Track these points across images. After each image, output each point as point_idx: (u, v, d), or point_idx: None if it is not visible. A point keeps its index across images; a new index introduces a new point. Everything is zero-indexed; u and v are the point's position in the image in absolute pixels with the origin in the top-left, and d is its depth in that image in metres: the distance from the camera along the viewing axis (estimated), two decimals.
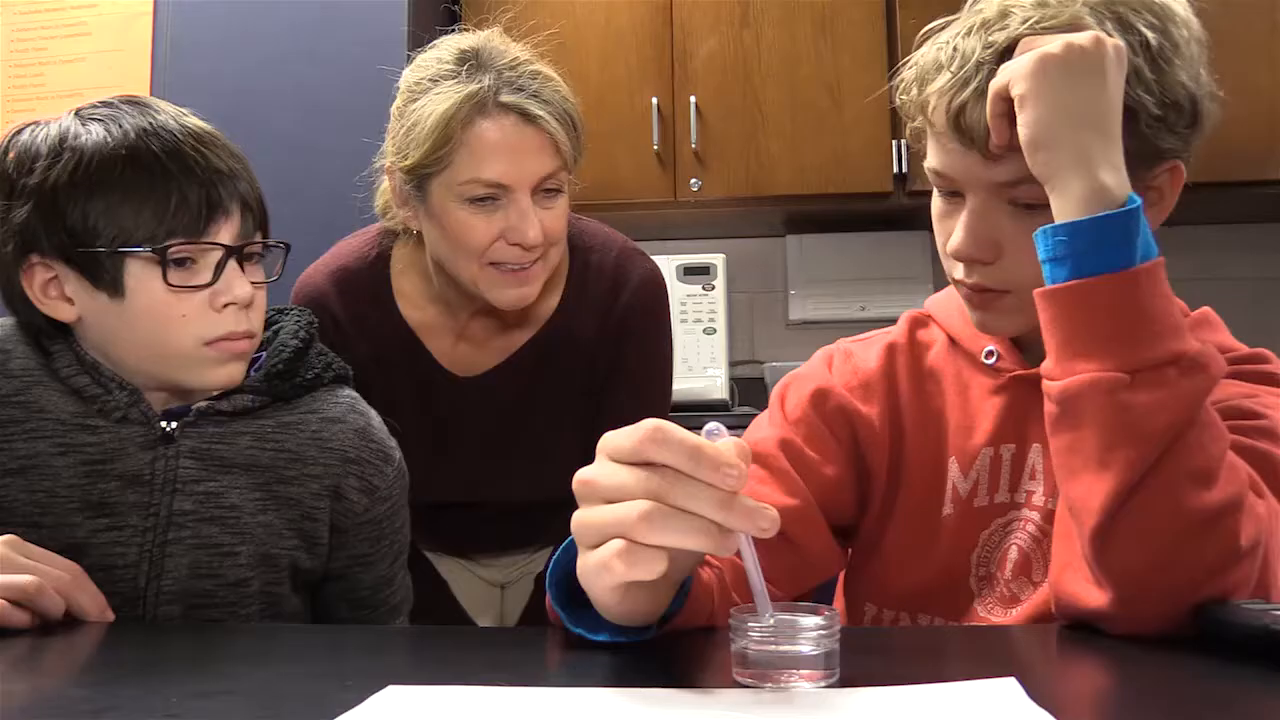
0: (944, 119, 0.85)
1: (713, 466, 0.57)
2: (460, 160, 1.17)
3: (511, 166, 1.17)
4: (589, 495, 0.61)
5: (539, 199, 1.19)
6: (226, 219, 0.97)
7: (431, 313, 1.33)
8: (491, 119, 1.17)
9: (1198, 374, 0.73)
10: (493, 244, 1.18)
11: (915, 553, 0.94)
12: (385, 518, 1.09)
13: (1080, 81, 0.76)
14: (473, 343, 1.34)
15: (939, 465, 0.94)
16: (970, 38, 0.84)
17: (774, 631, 0.60)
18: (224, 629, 0.95)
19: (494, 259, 1.19)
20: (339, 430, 1.06)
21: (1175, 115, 0.83)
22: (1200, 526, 0.70)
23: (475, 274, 1.21)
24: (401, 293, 1.33)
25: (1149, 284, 0.73)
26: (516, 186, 1.17)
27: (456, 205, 1.18)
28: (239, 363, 1.00)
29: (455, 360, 1.34)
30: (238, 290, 0.97)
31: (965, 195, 0.86)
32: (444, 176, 1.18)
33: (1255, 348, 0.92)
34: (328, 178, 2.49)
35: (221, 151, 0.98)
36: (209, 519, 0.99)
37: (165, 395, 1.01)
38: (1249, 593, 0.72)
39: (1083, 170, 0.75)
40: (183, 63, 2.51)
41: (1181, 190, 0.87)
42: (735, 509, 0.58)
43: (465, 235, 1.19)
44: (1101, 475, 0.72)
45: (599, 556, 0.59)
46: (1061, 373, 0.75)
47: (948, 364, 0.97)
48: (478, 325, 1.33)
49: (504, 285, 1.21)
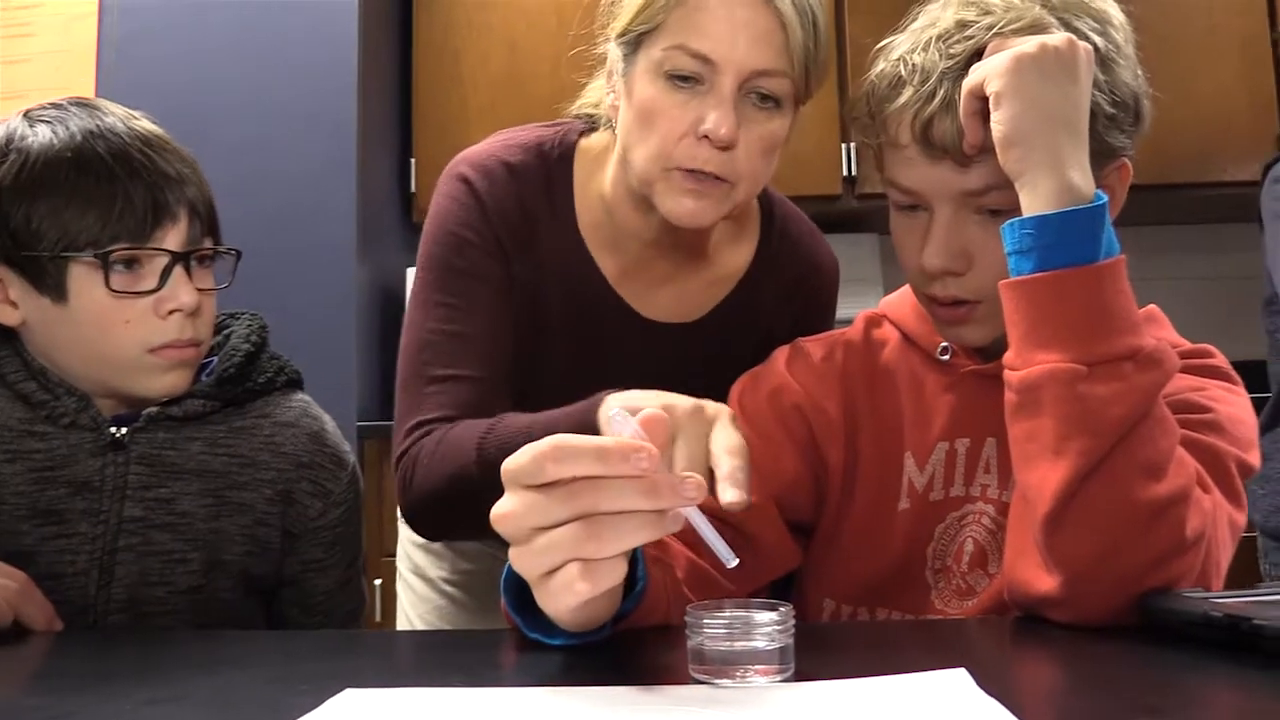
0: (910, 134, 0.86)
1: (622, 459, 0.58)
2: (672, 22, 0.99)
3: (724, 42, 0.97)
4: (517, 531, 0.60)
5: (747, 102, 1.00)
6: (173, 224, 0.95)
7: (604, 234, 1.14)
8: None
9: (1153, 369, 0.75)
10: (681, 139, 1.00)
11: (872, 547, 0.95)
12: (340, 522, 1.08)
13: (1054, 81, 0.78)
14: (648, 279, 1.16)
15: (895, 460, 0.96)
16: (928, 52, 0.85)
17: (729, 627, 0.61)
18: (175, 636, 0.93)
19: (679, 161, 1.00)
20: (292, 435, 1.05)
21: (1124, 114, 0.86)
22: (1148, 517, 0.72)
23: (655, 175, 1.02)
24: (580, 209, 1.14)
25: (1111, 279, 0.76)
26: (724, 68, 0.98)
27: (653, 79, 1.01)
28: (184, 370, 0.99)
29: (630, 293, 1.16)
30: (183, 297, 0.96)
31: (932, 208, 0.88)
32: (652, 42, 1.01)
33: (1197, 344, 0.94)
34: (277, 180, 2.49)
35: (170, 156, 0.97)
36: (159, 525, 0.98)
37: (115, 401, 1.00)
38: (1192, 582, 0.74)
39: (1053, 168, 0.77)
40: (128, 64, 2.48)
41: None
42: (662, 491, 0.58)
43: (654, 117, 1.00)
44: (1057, 463, 0.74)
45: (560, 582, 0.59)
46: (1022, 363, 0.77)
47: (902, 361, 0.99)
48: (658, 262, 1.16)
49: (679, 194, 1.01)
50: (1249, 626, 0.62)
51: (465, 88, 2.85)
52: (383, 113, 2.77)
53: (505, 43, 2.86)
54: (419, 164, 2.85)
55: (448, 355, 1.06)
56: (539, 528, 0.59)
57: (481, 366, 1.06)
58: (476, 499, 0.69)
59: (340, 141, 2.49)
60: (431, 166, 2.80)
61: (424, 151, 2.85)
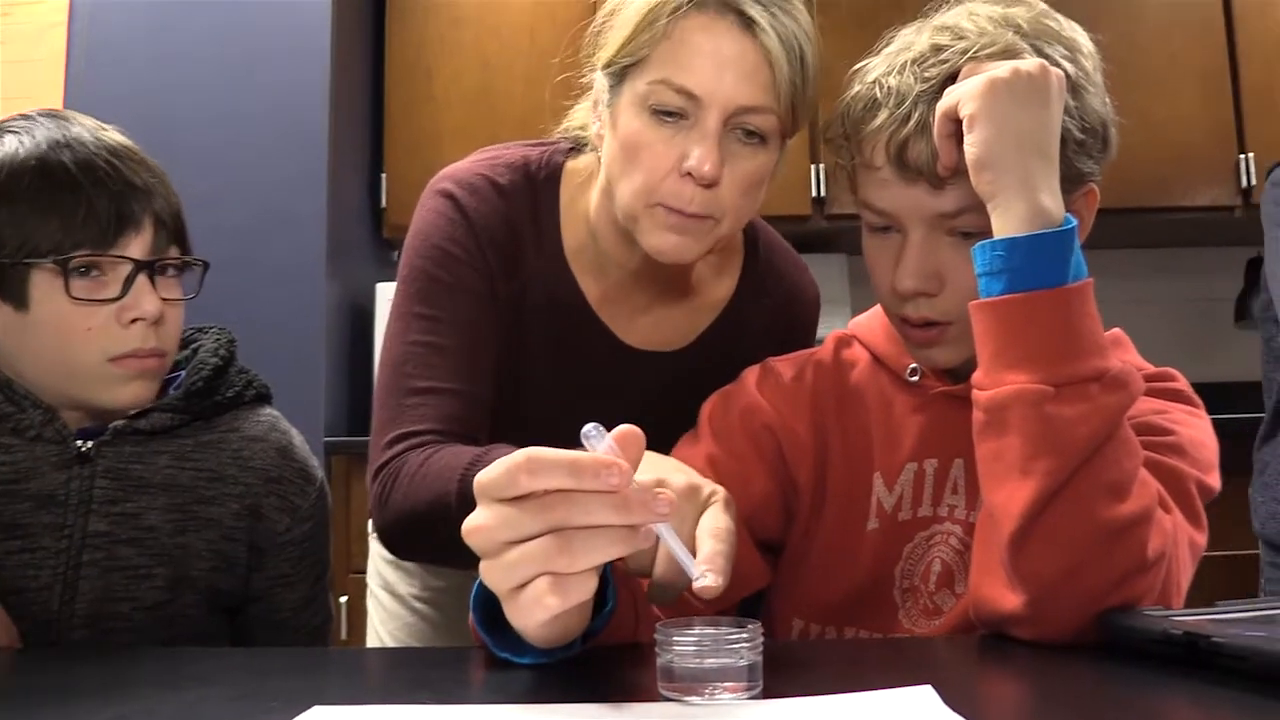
0: (885, 156, 0.87)
1: (594, 474, 0.58)
2: (658, 56, 0.98)
3: (709, 78, 0.96)
4: (488, 544, 0.60)
5: (732, 137, 0.98)
6: (137, 233, 0.95)
7: (587, 259, 1.13)
8: (706, 15, 0.97)
9: (1119, 391, 0.76)
10: (665, 176, 0.98)
11: (841, 567, 0.96)
12: (307, 538, 1.08)
13: (1026, 106, 0.80)
14: (631, 306, 1.15)
15: (864, 480, 0.96)
16: (903, 75, 0.87)
17: (699, 645, 0.61)
18: (141, 653, 0.92)
19: (662, 198, 0.99)
20: (260, 449, 1.05)
21: (1092, 140, 0.88)
22: (1111, 536, 0.73)
23: (638, 211, 1.01)
24: (567, 221, 1.13)
25: (1079, 302, 0.77)
26: (709, 104, 0.96)
27: (638, 112, 0.99)
28: (147, 381, 0.98)
29: (612, 318, 1.15)
30: (145, 305, 0.95)
31: (906, 230, 0.89)
32: (637, 75, 1.00)
33: (1160, 368, 0.96)
34: (247, 193, 2.47)
35: (137, 166, 0.97)
36: (125, 540, 0.97)
37: (81, 414, 0.99)
38: (1153, 601, 0.75)
39: (1025, 191, 0.78)
40: (97, 73, 2.46)
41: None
42: (632, 505, 0.59)
43: (639, 151, 0.99)
44: (1023, 482, 0.75)
45: (530, 596, 0.59)
46: (991, 383, 0.78)
47: (871, 382, 1.00)
48: (640, 290, 1.14)
49: (663, 230, 1.00)
50: (1207, 644, 0.63)
51: (437, 104, 2.85)
52: (354, 128, 2.77)
53: (478, 60, 2.87)
54: (390, 179, 2.84)
55: (429, 368, 1.05)
56: (510, 541, 0.59)
57: (463, 380, 1.05)
58: (451, 529, 0.68)
59: (311, 155, 2.49)
60: (403, 182, 2.80)
61: (395, 167, 2.84)
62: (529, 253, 1.12)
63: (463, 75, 2.86)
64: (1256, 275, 2.97)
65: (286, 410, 1.13)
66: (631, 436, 0.62)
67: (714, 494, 0.74)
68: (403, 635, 1.38)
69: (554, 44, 1.09)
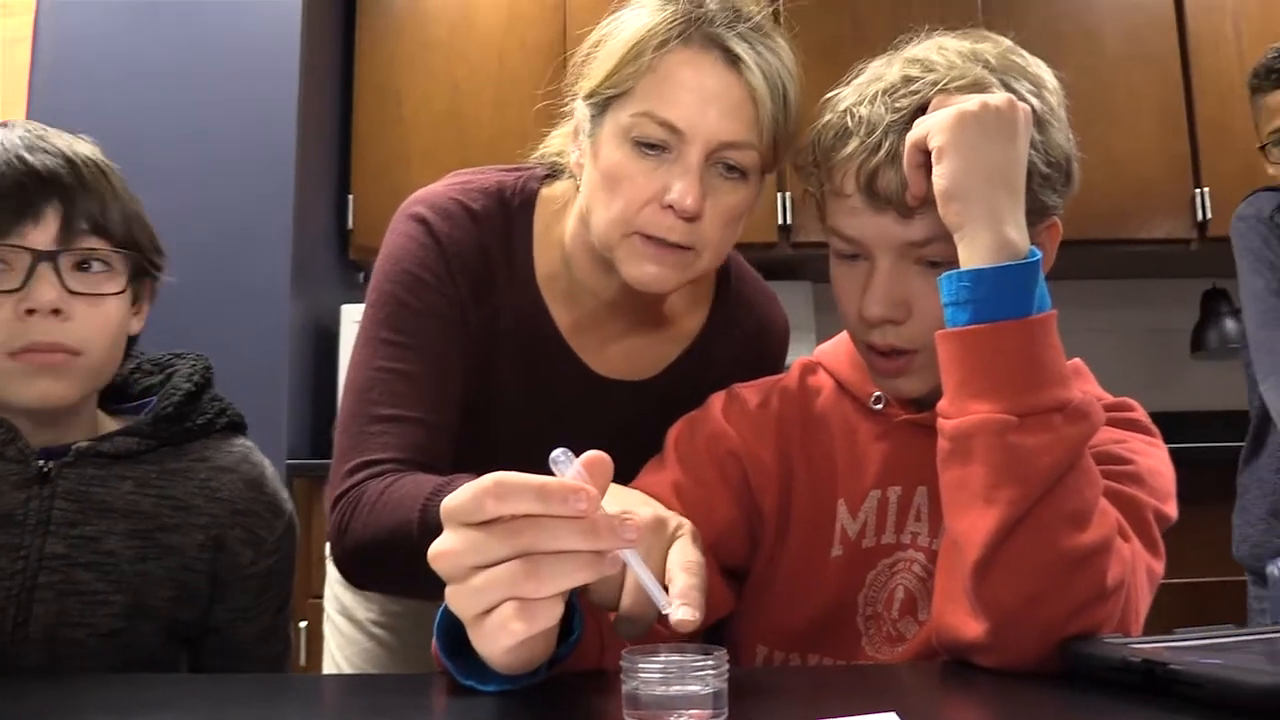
0: (854, 184, 0.88)
1: (561, 500, 0.58)
2: (642, 88, 0.98)
3: (693, 111, 0.97)
4: (454, 569, 0.60)
5: (714, 172, 0.99)
6: (36, 224, 0.92)
7: (559, 287, 1.13)
8: (691, 49, 0.98)
9: (1081, 421, 0.77)
10: (645, 206, 0.99)
11: (805, 593, 0.96)
12: (272, 571, 1.07)
13: (994, 140, 0.81)
14: (602, 335, 1.15)
15: (829, 507, 0.97)
16: (874, 105, 0.88)
17: (664, 671, 0.61)
18: (96, 679, 0.90)
19: (640, 226, 0.99)
20: (229, 480, 1.03)
21: (1056, 174, 0.89)
22: (1072, 565, 0.74)
23: (616, 240, 1.01)
24: (540, 249, 1.13)
25: (1042, 334, 0.78)
26: (692, 138, 0.97)
27: (620, 143, 1.00)
28: (54, 380, 0.93)
29: (583, 347, 1.15)
30: (39, 295, 0.91)
31: (874, 258, 0.90)
32: (621, 106, 1.00)
33: (1119, 397, 0.98)
34: (210, 211, 2.45)
35: (52, 157, 0.93)
36: (82, 564, 0.95)
37: (42, 432, 0.97)
38: (1113, 629, 0.76)
39: (992, 223, 0.79)
40: (61, 90, 2.44)
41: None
42: (600, 531, 0.59)
43: (619, 182, 0.99)
44: (986, 511, 0.75)
45: (496, 621, 0.59)
46: (956, 411, 0.79)
47: (836, 409, 1.00)
48: (612, 319, 1.15)
49: (641, 259, 1.00)
50: (1164, 671, 0.64)
51: (406, 127, 2.85)
52: (322, 149, 2.76)
53: (447, 83, 2.87)
54: (357, 201, 2.83)
55: (394, 395, 1.03)
56: (477, 566, 0.59)
57: (428, 409, 1.04)
58: (412, 558, 0.68)
59: (277, 175, 2.47)
60: (370, 204, 2.79)
61: (362, 189, 2.84)
62: (501, 279, 1.11)
63: (432, 98, 2.87)
64: (1212, 306, 3.05)
65: (248, 432, 1.12)
66: (599, 463, 0.62)
67: (680, 527, 0.74)
68: (360, 661, 1.36)
69: (524, 68, 1.09)
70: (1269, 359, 1.79)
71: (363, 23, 2.91)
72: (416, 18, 2.91)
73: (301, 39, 2.54)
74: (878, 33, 0.98)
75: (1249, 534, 1.88)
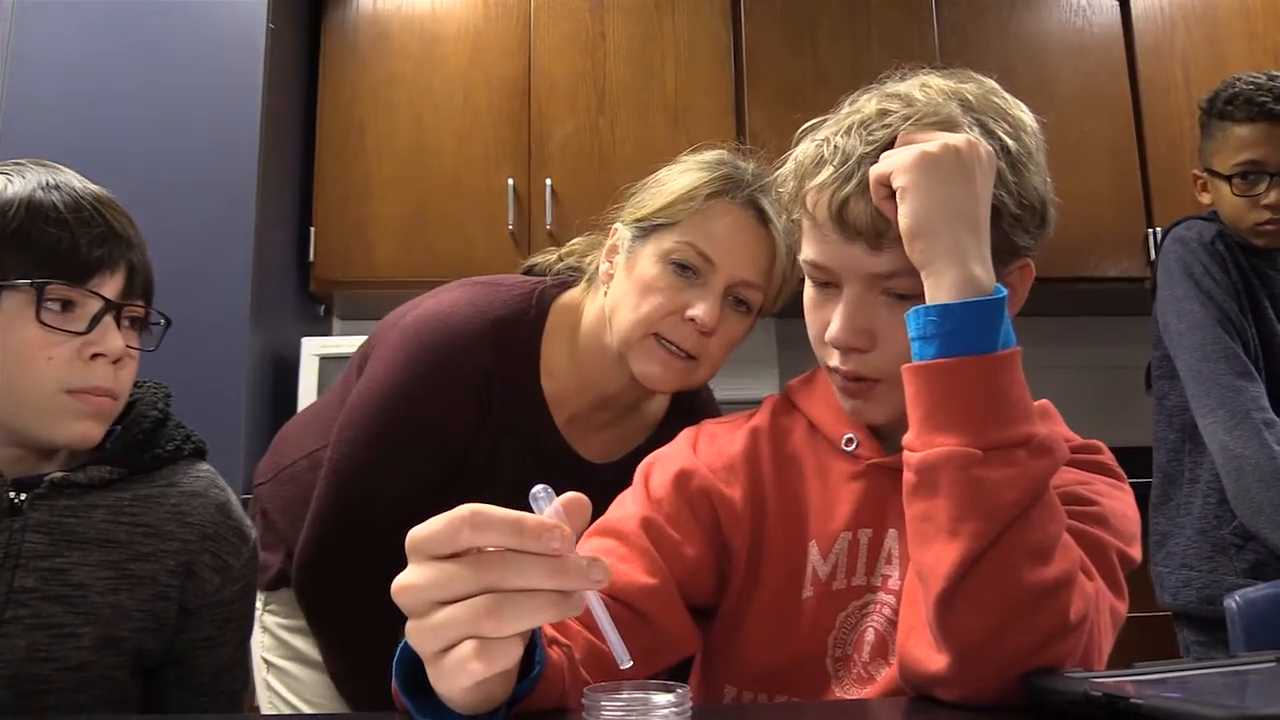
0: (826, 212, 0.89)
1: (535, 536, 0.57)
2: (689, 223, 1.20)
3: (726, 250, 1.19)
4: (416, 603, 0.59)
5: (727, 302, 1.20)
6: (111, 274, 0.97)
7: (564, 383, 1.32)
8: (735, 204, 1.20)
9: (1044, 456, 0.78)
10: (668, 315, 1.19)
11: (775, 634, 0.95)
12: (236, 599, 1.06)
13: (955, 180, 0.82)
14: (589, 425, 1.35)
15: (800, 548, 0.96)
16: (850, 136, 0.89)
17: (627, 709, 0.60)
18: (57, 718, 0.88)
19: (661, 330, 1.20)
20: (200, 505, 1.03)
21: (1030, 216, 0.90)
22: (1035, 599, 0.74)
23: (637, 338, 1.21)
24: (546, 361, 1.32)
25: (1007, 369, 0.79)
26: (721, 270, 1.19)
27: (657, 261, 1.21)
28: (96, 422, 0.97)
29: (574, 437, 1.35)
30: (110, 342, 0.96)
31: (842, 285, 0.91)
32: (667, 233, 1.21)
33: (1087, 439, 0.98)
34: (169, 239, 2.41)
35: (120, 216, 1.00)
36: (52, 597, 0.93)
37: (20, 456, 0.96)
38: (1075, 663, 0.76)
39: (956, 260, 0.80)
40: (20, 114, 2.41)
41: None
42: (569, 571, 0.58)
43: (651, 292, 1.20)
44: (950, 544, 0.76)
45: (454, 660, 0.58)
46: (922, 444, 0.79)
47: (808, 449, 1.00)
48: (599, 412, 1.35)
49: (654, 360, 1.21)
50: (1126, 705, 0.64)
51: (369, 159, 2.84)
52: (283, 180, 2.74)
53: (410, 117, 2.87)
54: (318, 233, 2.81)
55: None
56: (439, 601, 0.58)
57: None
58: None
59: (238, 206, 2.45)
60: (331, 236, 2.77)
61: (324, 221, 2.82)
62: (509, 390, 1.30)
63: (395, 130, 2.86)
64: None
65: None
66: (577, 503, 0.61)
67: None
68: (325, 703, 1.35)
69: (487, 102, 1.12)
70: (1214, 392, 1.68)
71: (327, 55, 2.91)
72: (381, 51, 2.91)
73: (265, 70, 2.53)
74: (838, 75, 1.00)
75: (1190, 577, 1.72)
